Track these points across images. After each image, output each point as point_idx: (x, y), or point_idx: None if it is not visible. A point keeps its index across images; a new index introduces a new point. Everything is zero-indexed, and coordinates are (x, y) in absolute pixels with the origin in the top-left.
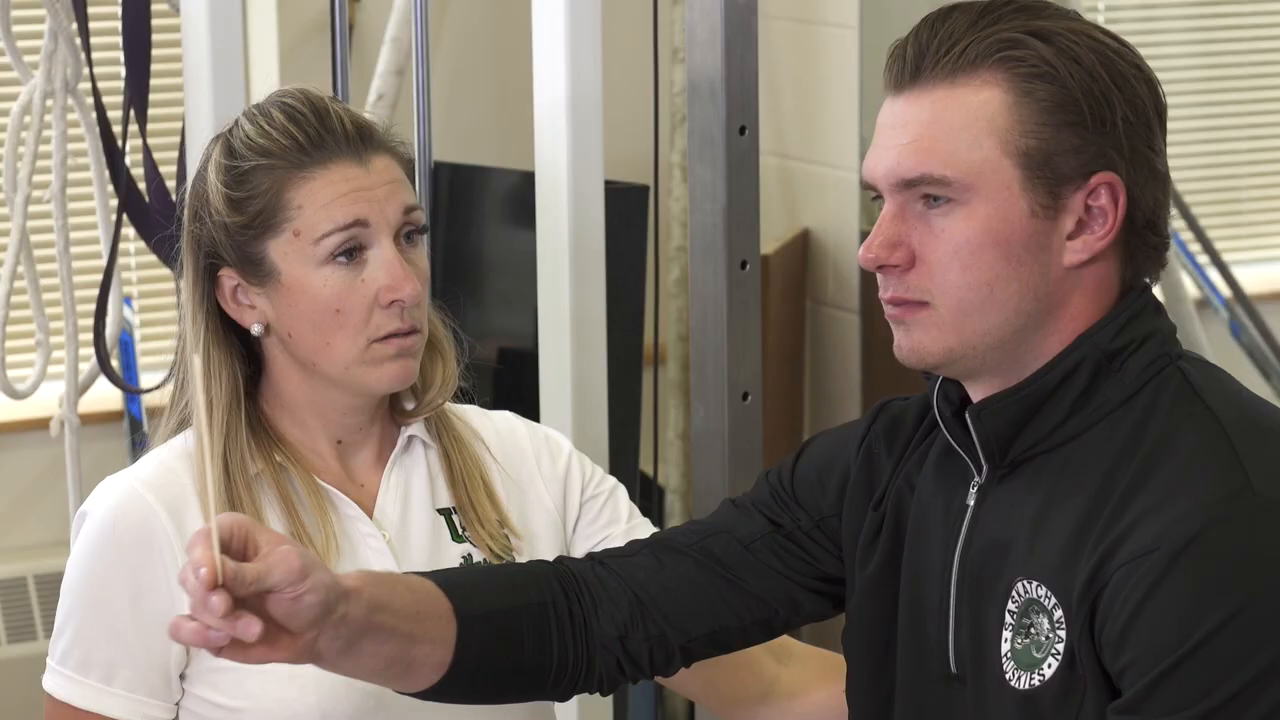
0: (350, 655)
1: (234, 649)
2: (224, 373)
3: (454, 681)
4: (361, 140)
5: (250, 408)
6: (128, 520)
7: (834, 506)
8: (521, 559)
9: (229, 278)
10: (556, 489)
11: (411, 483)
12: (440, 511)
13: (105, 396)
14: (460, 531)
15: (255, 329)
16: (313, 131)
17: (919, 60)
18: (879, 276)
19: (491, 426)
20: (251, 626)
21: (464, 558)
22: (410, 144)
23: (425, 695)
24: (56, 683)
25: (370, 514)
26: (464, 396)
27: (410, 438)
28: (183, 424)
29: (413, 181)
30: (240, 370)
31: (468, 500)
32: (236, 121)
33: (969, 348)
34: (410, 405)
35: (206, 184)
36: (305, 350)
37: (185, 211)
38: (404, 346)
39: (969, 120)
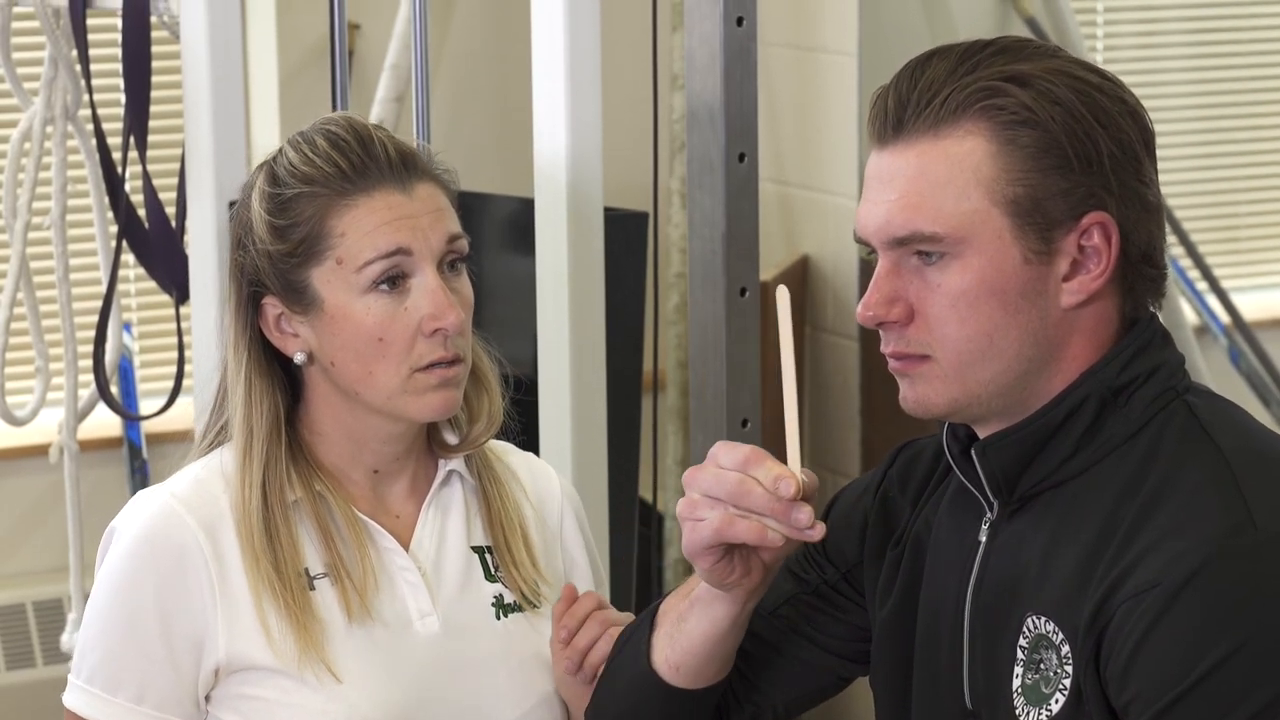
0: (733, 632)
1: (725, 567)
2: (265, 401)
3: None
4: (405, 167)
5: (291, 435)
6: (164, 538)
7: (858, 554)
8: (546, 606)
9: (272, 306)
10: (566, 557)
11: (449, 518)
12: (474, 549)
13: (104, 423)
14: (493, 571)
15: (298, 358)
16: (356, 158)
17: (900, 112)
18: (880, 331)
19: (528, 470)
20: (819, 529)
21: (495, 598)
22: (455, 172)
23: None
24: (83, 700)
25: (406, 547)
26: (503, 433)
27: (450, 472)
28: (217, 443)
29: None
30: (281, 398)
31: (504, 541)
32: (281, 149)
33: (973, 397)
34: (450, 437)
35: (250, 211)
36: (348, 379)
37: (230, 239)
38: (446, 377)
39: (954, 173)
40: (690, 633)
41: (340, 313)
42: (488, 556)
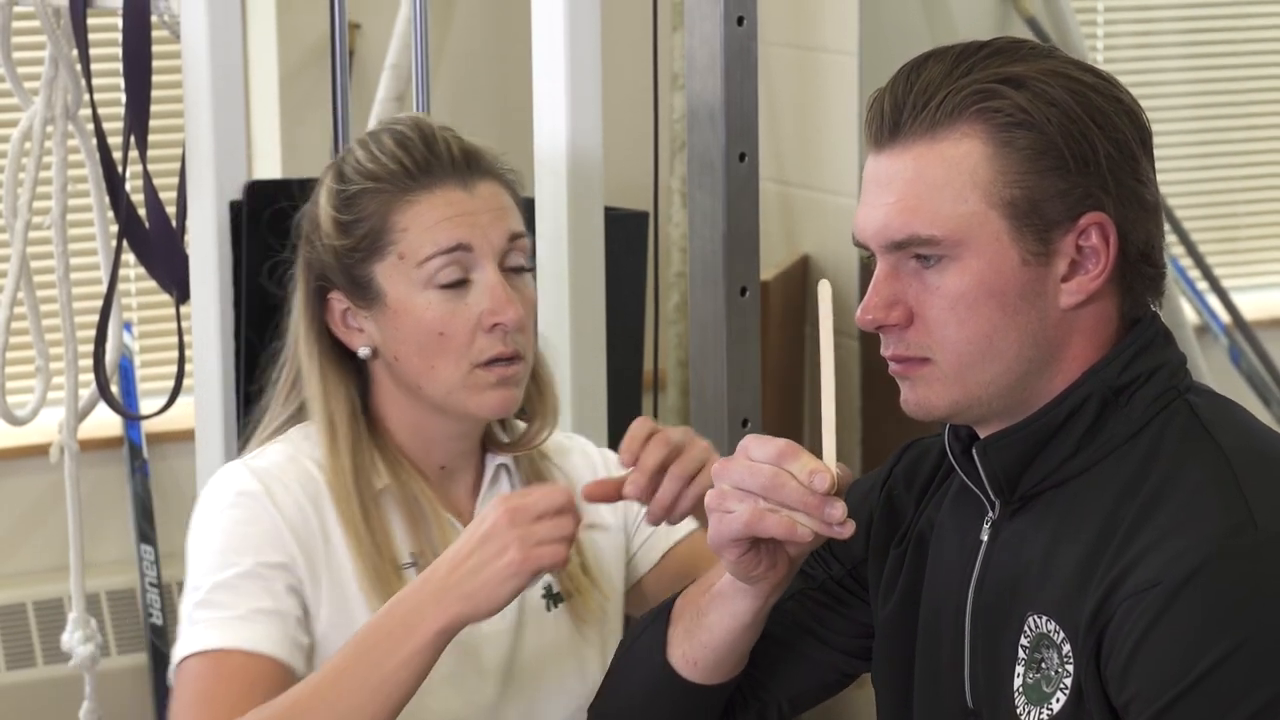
0: (754, 627)
1: (751, 560)
2: (341, 391)
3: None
4: (468, 166)
5: (370, 425)
6: (270, 493)
7: (863, 551)
8: (594, 594)
9: (338, 301)
10: (619, 505)
11: None
12: None
13: (105, 422)
14: None
15: (363, 352)
16: (420, 156)
17: (896, 115)
18: (880, 335)
19: (570, 453)
20: (849, 526)
21: (545, 589)
22: (521, 174)
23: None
24: (216, 636)
25: None
26: None
27: (499, 467)
28: (289, 423)
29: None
30: (355, 391)
31: None
32: (350, 147)
33: (974, 399)
34: (501, 435)
35: (318, 208)
36: (410, 374)
37: (299, 235)
38: (505, 375)
39: (951, 175)
40: (710, 627)
41: (402, 307)
42: None
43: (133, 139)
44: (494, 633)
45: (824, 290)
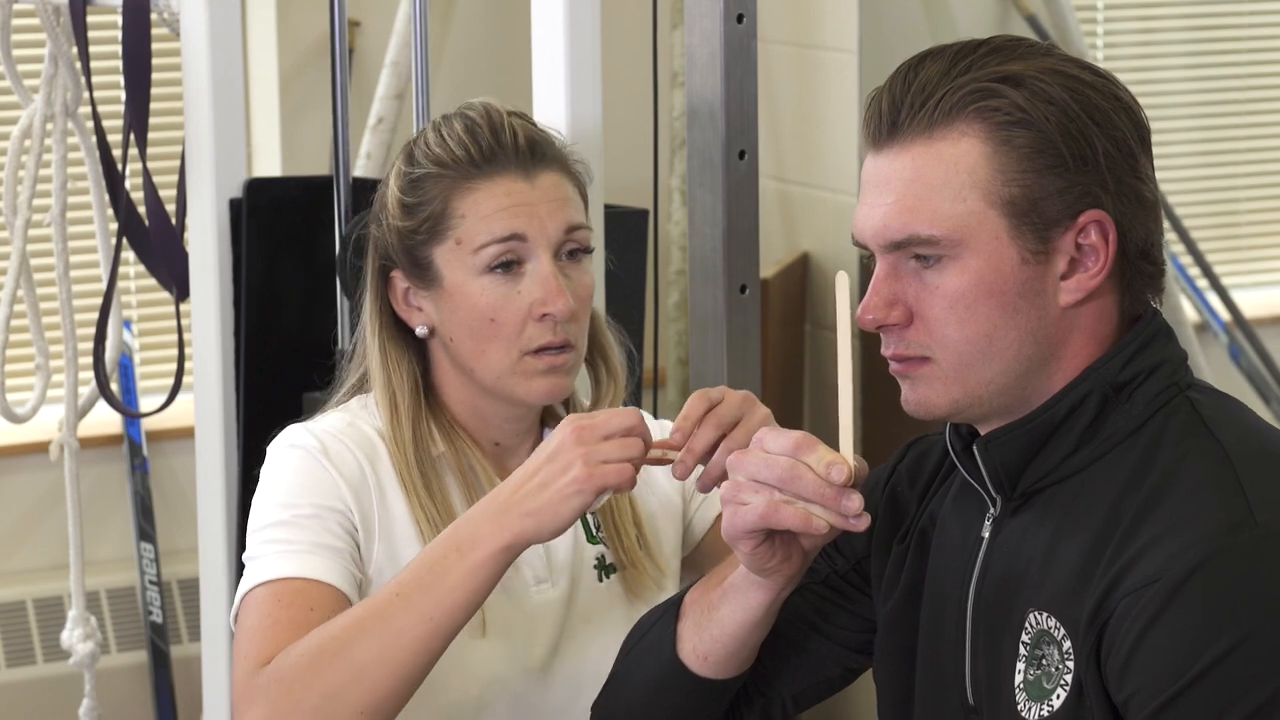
0: (765, 620)
1: (765, 552)
2: (403, 363)
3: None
4: (532, 155)
5: (430, 397)
6: (333, 453)
7: (866, 547)
8: (650, 569)
9: (400, 280)
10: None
11: None
12: None
13: (105, 420)
14: (594, 532)
15: (420, 330)
16: (485, 144)
17: (895, 115)
18: (881, 334)
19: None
20: (865, 519)
21: (598, 558)
22: (588, 165)
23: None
24: (277, 567)
25: None
26: None
27: None
28: (356, 391)
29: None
30: (416, 366)
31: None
32: (424, 129)
33: (974, 397)
34: (565, 412)
35: (387, 189)
36: (464, 356)
37: (370, 214)
38: (555, 364)
39: (949, 175)
40: (722, 620)
41: (458, 291)
42: (588, 518)
43: (133, 137)
44: (544, 602)
45: (842, 282)
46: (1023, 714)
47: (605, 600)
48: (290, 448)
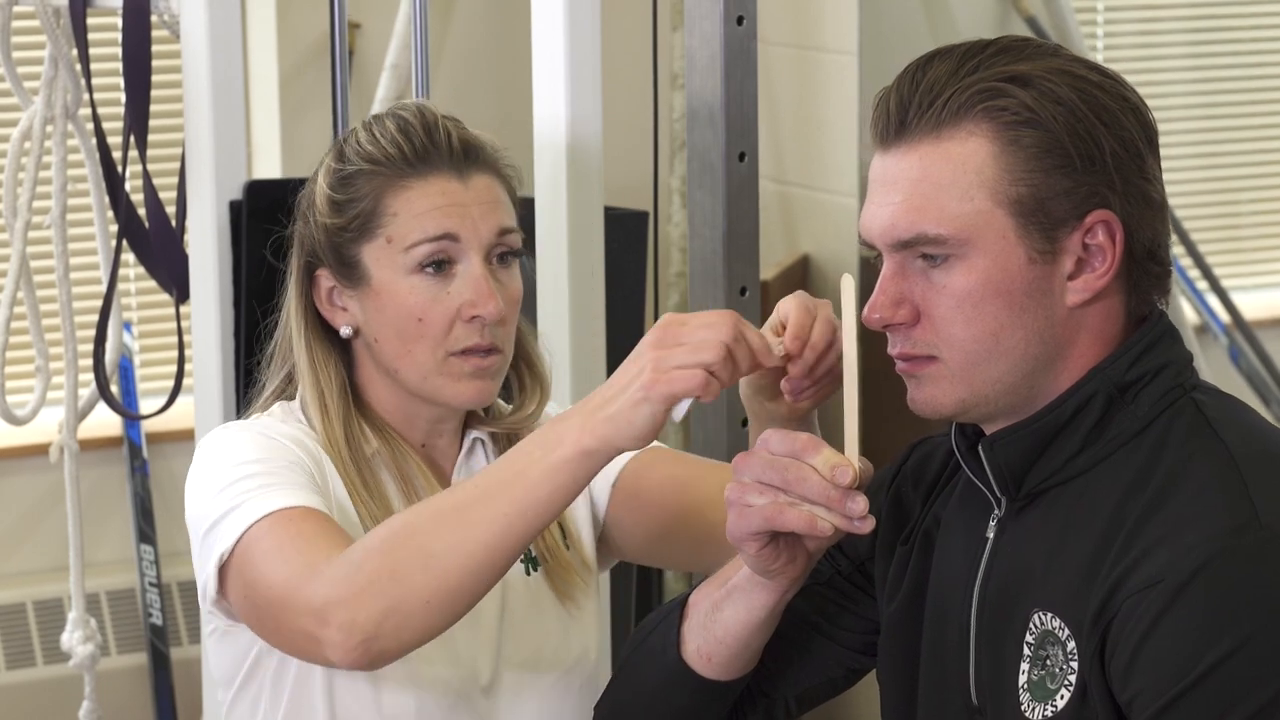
0: (769, 622)
1: (770, 553)
2: (330, 363)
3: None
4: (466, 157)
5: (357, 397)
6: (270, 431)
7: (870, 548)
8: (571, 557)
9: (325, 279)
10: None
11: None
12: None
13: (105, 422)
14: None
15: (344, 331)
16: (419, 143)
17: (902, 114)
18: (887, 333)
19: None
20: (870, 521)
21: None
22: (520, 171)
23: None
24: (274, 499)
25: None
26: None
27: (475, 440)
28: (279, 396)
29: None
30: (342, 366)
31: None
32: (354, 128)
33: (981, 397)
34: (483, 412)
35: (315, 185)
36: (388, 357)
37: (295, 211)
38: (481, 366)
39: (957, 174)
40: (726, 621)
41: (386, 290)
42: None
43: (132, 139)
44: (487, 598)
45: (847, 284)
46: (1027, 714)
47: (533, 594)
48: (232, 431)
